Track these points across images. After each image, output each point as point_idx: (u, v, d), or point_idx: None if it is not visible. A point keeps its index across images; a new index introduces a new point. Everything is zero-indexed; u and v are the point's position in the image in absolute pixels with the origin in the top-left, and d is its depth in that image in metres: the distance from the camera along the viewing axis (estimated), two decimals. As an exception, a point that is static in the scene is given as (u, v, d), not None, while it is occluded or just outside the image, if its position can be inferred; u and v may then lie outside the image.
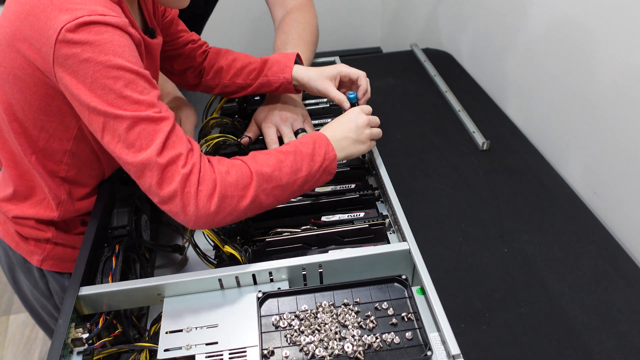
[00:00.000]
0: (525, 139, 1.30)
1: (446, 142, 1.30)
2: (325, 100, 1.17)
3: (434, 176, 1.19)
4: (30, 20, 0.65)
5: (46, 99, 0.73)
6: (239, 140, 1.00)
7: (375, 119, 0.92)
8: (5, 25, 0.69)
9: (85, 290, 0.73)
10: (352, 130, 0.85)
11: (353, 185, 0.93)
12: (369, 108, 0.92)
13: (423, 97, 1.49)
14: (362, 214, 0.87)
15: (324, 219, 0.86)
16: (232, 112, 1.15)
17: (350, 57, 1.72)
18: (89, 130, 0.72)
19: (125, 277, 0.85)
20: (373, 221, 0.84)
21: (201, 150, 0.99)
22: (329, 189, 0.92)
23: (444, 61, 1.68)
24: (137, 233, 0.94)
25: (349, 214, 0.87)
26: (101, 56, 0.63)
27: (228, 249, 0.77)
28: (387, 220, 0.85)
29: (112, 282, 0.79)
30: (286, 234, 0.84)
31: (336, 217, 0.87)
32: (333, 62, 1.27)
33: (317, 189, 0.92)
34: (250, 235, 0.83)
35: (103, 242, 0.87)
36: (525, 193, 1.13)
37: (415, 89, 1.53)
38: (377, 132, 0.91)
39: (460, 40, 1.68)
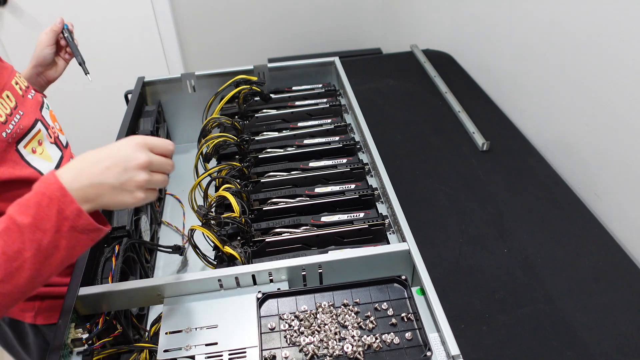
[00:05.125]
0: (525, 140, 1.30)
1: (446, 142, 1.30)
2: (325, 100, 1.17)
3: (434, 177, 1.19)
4: None
5: None
6: (239, 140, 1.00)
7: (162, 161, 0.60)
8: None
9: (85, 291, 0.73)
10: (114, 174, 0.57)
11: (353, 186, 0.93)
12: (156, 141, 0.61)
13: (423, 98, 1.49)
14: (362, 215, 0.87)
15: (323, 219, 0.86)
16: (231, 112, 1.15)
17: (350, 57, 1.72)
18: None
19: (125, 278, 0.85)
20: (373, 221, 0.84)
21: (202, 151, 1.01)
22: (328, 189, 0.92)
23: (444, 62, 1.68)
24: (137, 234, 0.94)
25: (349, 215, 0.87)
26: None
27: (228, 249, 0.76)
28: (387, 221, 0.85)
29: (112, 282, 0.79)
30: (286, 234, 0.83)
31: (336, 218, 0.87)
32: (333, 62, 1.27)
33: (317, 190, 0.92)
34: (250, 235, 0.83)
35: (103, 242, 0.87)
36: (525, 193, 1.13)
37: (415, 89, 1.53)
38: (160, 179, 0.60)
39: (460, 42, 1.68)
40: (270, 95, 1.17)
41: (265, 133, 1.09)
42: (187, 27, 2.30)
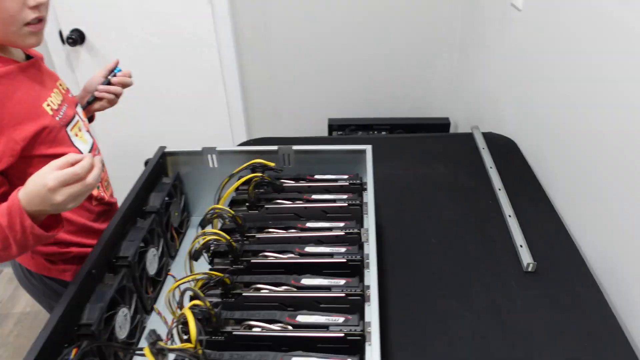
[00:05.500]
0: (583, 263, 1.09)
1: (487, 254, 1.12)
2: (345, 197, 1.05)
3: (461, 298, 1.02)
4: None
5: None
6: (231, 240, 0.91)
7: (69, 173, 0.77)
8: None
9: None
10: (48, 206, 0.79)
11: (341, 319, 0.79)
12: (64, 160, 0.79)
13: (472, 193, 1.32)
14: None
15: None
16: (242, 200, 1.06)
17: (414, 134, 1.60)
18: None
19: (79, 385, 0.77)
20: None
21: (192, 246, 0.92)
22: (312, 319, 0.80)
23: (506, 149, 1.51)
24: (108, 331, 0.86)
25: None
26: None
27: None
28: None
29: (53, 396, 0.71)
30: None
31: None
32: (364, 152, 1.14)
33: (299, 318, 0.80)
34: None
35: (64, 340, 0.80)
36: (569, 336, 0.93)
37: (465, 181, 1.37)
38: (77, 190, 0.78)
39: (525, 127, 1.50)
40: (284, 185, 1.07)
41: (271, 230, 0.99)
42: (253, 90, 2.32)
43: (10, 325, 2.21)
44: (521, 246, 1.12)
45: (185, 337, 0.77)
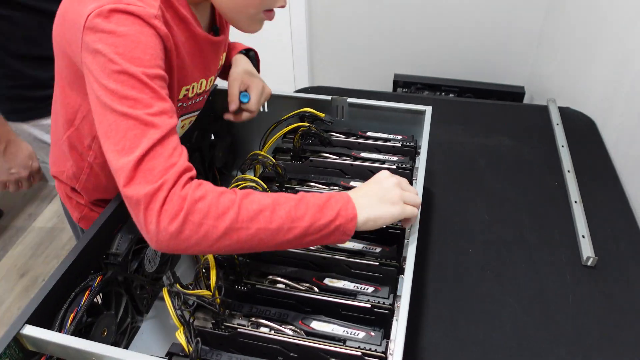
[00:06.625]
0: (651, 266, 0.98)
1: (543, 241, 1.03)
2: (395, 159, 0.98)
3: (507, 283, 0.94)
4: (67, 21, 0.69)
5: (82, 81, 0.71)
6: (267, 189, 0.86)
7: (407, 184, 0.75)
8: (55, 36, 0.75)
9: (27, 331, 0.66)
10: (377, 191, 0.71)
11: (371, 289, 0.74)
12: (401, 179, 0.75)
13: (537, 172, 1.21)
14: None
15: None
16: (286, 149, 1.01)
17: (484, 100, 1.49)
18: None
19: (100, 312, 0.77)
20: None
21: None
22: (341, 284, 0.75)
23: (583, 128, 1.37)
24: (136, 264, 0.85)
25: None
26: (113, 54, 0.62)
27: (179, 335, 0.64)
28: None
29: (72, 321, 0.71)
30: (264, 329, 0.69)
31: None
32: (423, 112, 1.06)
33: (327, 281, 0.76)
34: (221, 318, 0.69)
35: (92, 266, 0.79)
36: (621, 343, 0.84)
37: (532, 157, 1.26)
38: (412, 197, 0.73)
39: (610, 108, 1.35)
40: (332, 139, 1.01)
41: (312, 184, 0.94)
42: (319, 37, 2.21)
43: (64, 239, 2.32)
44: (583, 237, 1.02)
45: (208, 282, 0.74)
